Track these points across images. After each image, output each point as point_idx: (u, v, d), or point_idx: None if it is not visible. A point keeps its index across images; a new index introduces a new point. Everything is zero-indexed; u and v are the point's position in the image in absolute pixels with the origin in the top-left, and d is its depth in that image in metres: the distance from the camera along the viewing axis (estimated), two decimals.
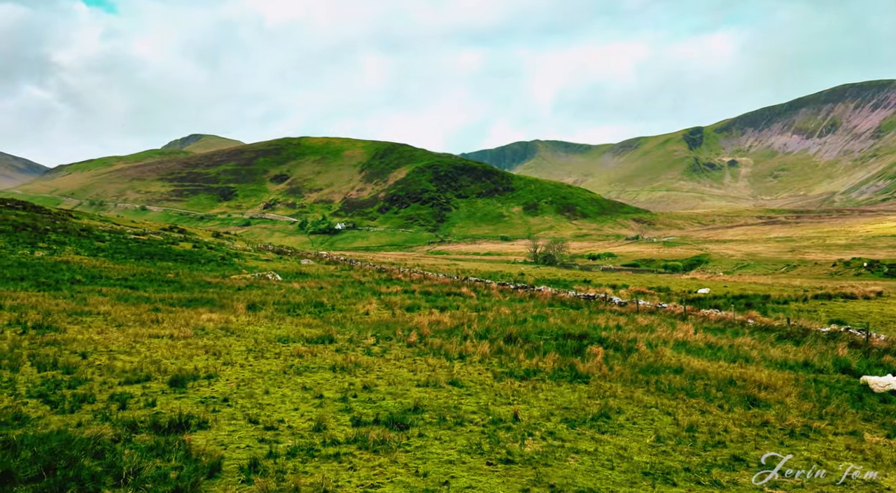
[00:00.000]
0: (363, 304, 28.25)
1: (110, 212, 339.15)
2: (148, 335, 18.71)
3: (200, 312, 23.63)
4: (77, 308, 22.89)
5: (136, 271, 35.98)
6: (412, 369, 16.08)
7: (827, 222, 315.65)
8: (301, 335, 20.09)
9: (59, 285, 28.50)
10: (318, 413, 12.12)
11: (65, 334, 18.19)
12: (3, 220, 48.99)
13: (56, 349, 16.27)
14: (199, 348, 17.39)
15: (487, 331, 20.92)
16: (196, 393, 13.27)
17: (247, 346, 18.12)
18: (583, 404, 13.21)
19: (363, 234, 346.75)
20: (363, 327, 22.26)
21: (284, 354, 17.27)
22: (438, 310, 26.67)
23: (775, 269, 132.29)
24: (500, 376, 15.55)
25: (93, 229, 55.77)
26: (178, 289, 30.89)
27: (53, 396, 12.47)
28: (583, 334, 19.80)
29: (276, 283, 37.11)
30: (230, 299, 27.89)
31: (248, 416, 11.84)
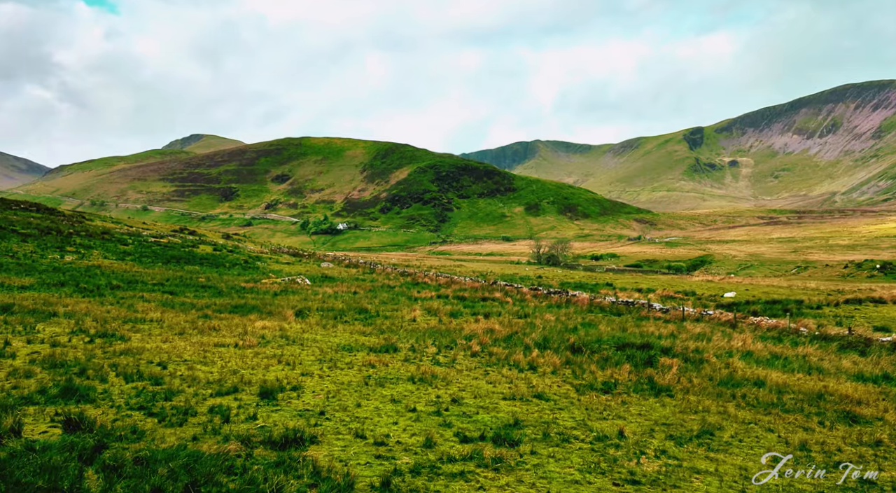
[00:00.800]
0: (406, 310, 28.14)
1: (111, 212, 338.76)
2: (213, 344, 18.64)
3: (251, 319, 23.57)
4: (129, 315, 22.83)
5: (168, 276, 35.87)
6: (489, 380, 16.00)
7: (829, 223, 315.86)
8: (361, 344, 20.02)
9: (101, 291, 28.41)
10: (419, 428, 12.08)
11: (132, 343, 18.12)
12: (27, 223, 48.86)
13: (132, 359, 16.21)
14: (270, 358, 17.33)
15: (546, 340, 20.84)
16: (289, 406, 13.23)
17: (315, 355, 18.04)
18: (679, 420, 13.14)
19: (365, 234, 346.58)
20: (417, 335, 22.18)
21: (356, 364, 17.20)
22: (483, 316, 26.57)
23: (785, 270, 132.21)
24: (581, 388, 15.47)
25: (113, 232, 55.65)
26: (216, 294, 30.80)
27: (154, 408, 12.45)
28: (645, 343, 19.71)
29: (307, 287, 37.00)
30: (274, 305, 27.79)
31: (352, 430, 11.79)
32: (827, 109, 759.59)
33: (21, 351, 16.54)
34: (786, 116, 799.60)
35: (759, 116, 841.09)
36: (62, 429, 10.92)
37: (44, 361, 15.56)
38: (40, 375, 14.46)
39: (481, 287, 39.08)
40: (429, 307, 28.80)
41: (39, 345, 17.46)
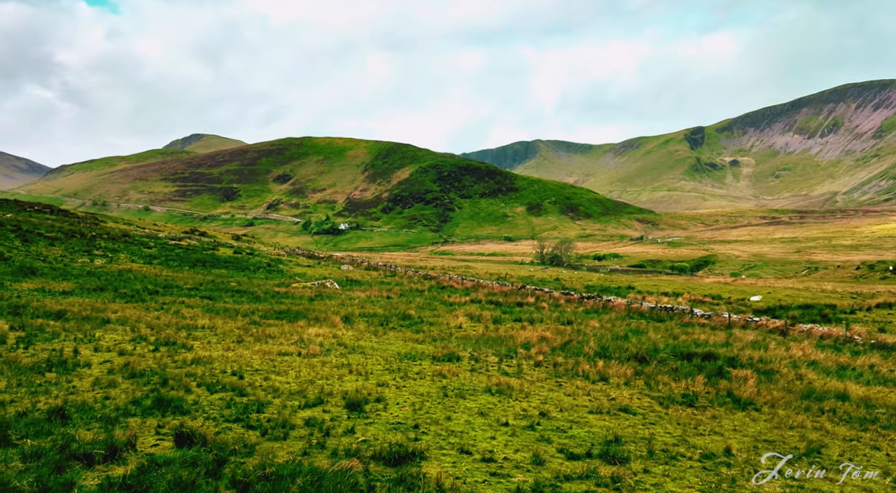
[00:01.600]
0: (448, 316, 27.96)
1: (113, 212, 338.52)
2: (276, 353, 18.48)
3: (300, 325, 23.40)
4: (179, 322, 22.68)
5: (200, 281, 35.69)
6: (567, 393, 15.82)
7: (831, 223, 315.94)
8: (421, 352, 19.84)
9: (141, 296, 28.25)
10: (519, 443, 11.92)
11: (197, 352, 17.97)
12: (51, 226, 48.61)
13: (206, 369, 16.07)
14: (339, 367, 17.17)
15: (604, 349, 20.62)
16: (379, 418, 13.08)
17: (381, 365, 17.88)
18: (779, 437, 12.95)
19: (367, 234, 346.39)
20: (470, 343, 22.02)
21: (425, 374, 17.05)
22: (528, 323, 26.35)
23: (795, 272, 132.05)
24: (664, 401, 15.30)
25: (132, 235, 55.40)
26: (254, 299, 30.62)
27: (250, 420, 12.31)
28: (708, 353, 19.50)
29: (339, 292, 36.84)
30: (317, 310, 27.59)
31: (453, 445, 11.63)
32: (828, 109, 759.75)
33: (93, 359, 16.40)
34: (787, 116, 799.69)
35: (760, 115, 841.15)
36: (173, 442, 10.80)
37: (121, 370, 15.43)
38: (123, 385, 14.34)
39: (510, 291, 38.84)
40: (470, 313, 28.56)
41: (107, 353, 17.32)
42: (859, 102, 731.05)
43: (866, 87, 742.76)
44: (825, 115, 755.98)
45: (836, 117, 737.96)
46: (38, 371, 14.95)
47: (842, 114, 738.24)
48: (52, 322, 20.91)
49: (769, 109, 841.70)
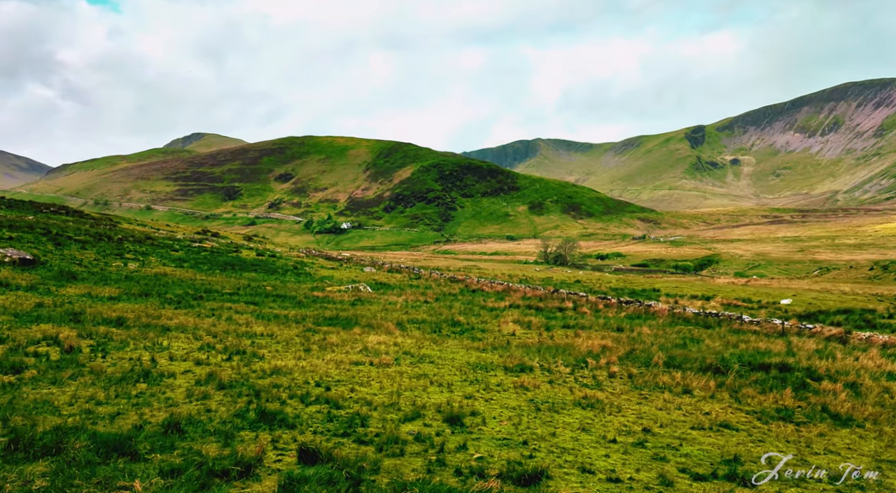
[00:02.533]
0: (496, 322, 27.71)
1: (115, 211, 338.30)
2: (349, 362, 18.25)
3: (356, 332, 23.16)
4: (237, 329, 22.44)
5: (236, 285, 35.43)
6: (659, 407, 15.53)
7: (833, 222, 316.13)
8: (490, 362, 19.59)
9: (188, 302, 28.00)
10: (636, 462, 11.69)
11: (272, 362, 17.73)
12: (78, 229, 48.30)
13: (287, 380, 15.85)
14: (418, 378, 16.92)
15: (672, 358, 20.36)
16: (482, 433, 12.86)
17: (456, 376, 17.61)
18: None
19: (369, 233, 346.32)
20: (531, 351, 21.76)
21: (505, 385, 16.80)
22: (580, 329, 26.11)
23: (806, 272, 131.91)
24: (761, 417, 15.01)
25: (155, 237, 55.09)
26: (297, 305, 30.38)
27: (359, 435, 12.12)
28: (783, 364, 19.20)
29: (374, 296, 36.61)
30: (365, 316, 27.35)
31: (570, 463, 11.41)
32: (829, 108, 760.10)
33: (172, 369, 16.18)
34: (787, 115, 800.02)
35: (761, 114, 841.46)
36: (296, 458, 10.59)
37: (207, 381, 15.23)
38: (217, 396, 14.13)
39: (544, 296, 38.52)
40: (517, 320, 28.31)
41: (183, 363, 17.10)
42: (860, 101, 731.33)
43: (867, 85, 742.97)
44: (826, 113, 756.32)
45: (836, 116, 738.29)
46: (129, 382, 14.74)
47: (842, 112, 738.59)
48: (115, 330, 20.68)
49: (770, 107, 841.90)
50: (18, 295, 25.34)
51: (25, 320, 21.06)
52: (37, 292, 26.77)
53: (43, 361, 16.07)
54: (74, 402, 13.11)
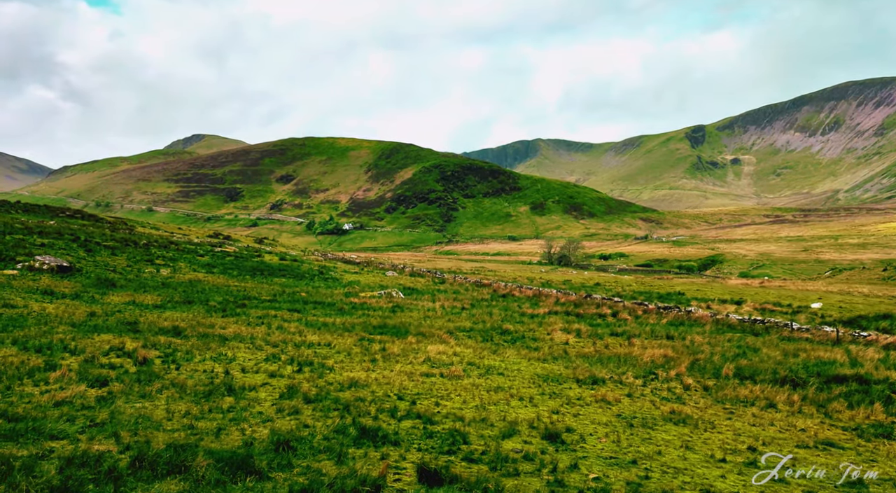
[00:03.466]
0: (542, 330, 27.54)
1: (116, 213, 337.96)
2: (420, 374, 18.13)
3: (411, 341, 23.07)
4: (293, 339, 22.33)
5: (273, 291, 35.34)
6: (752, 423, 15.21)
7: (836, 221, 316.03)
8: (558, 374, 19.29)
9: (233, 310, 27.92)
10: (759, 485, 11.51)
11: (343, 373, 17.63)
12: (103, 235, 48.18)
13: (368, 393, 15.74)
14: (495, 391, 16.70)
15: (740, 369, 20.01)
16: (585, 451, 12.65)
17: (532, 388, 17.32)
18: None
19: (371, 234, 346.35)
20: (592, 361, 21.50)
21: (585, 399, 16.56)
22: (634, 337, 25.74)
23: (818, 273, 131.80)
24: (862, 434, 14.78)
25: (177, 242, 54.97)
26: (339, 312, 30.26)
27: (467, 454, 11.95)
28: (858, 376, 18.83)
29: (409, 302, 36.51)
30: (411, 324, 27.19)
31: (695, 486, 10.99)
32: (829, 107, 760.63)
33: (249, 381, 16.07)
34: (788, 114, 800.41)
35: (761, 113, 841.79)
36: (415, 478, 10.50)
37: (291, 394, 15.14)
38: (307, 411, 14.04)
39: (578, 302, 38.33)
40: (565, 328, 28.14)
41: (257, 375, 17.01)
42: (860, 100, 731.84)
43: (867, 84, 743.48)
44: (826, 112, 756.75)
45: (837, 115, 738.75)
46: (216, 396, 14.67)
47: (843, 112, 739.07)
48: (175, 340, 20.63)
49: (770, 107, 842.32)
50: (67, 304, 25.28)
51: (84, 329, 21.00)
52: (82, 300, 26.71)
53: (122, 373, 16.00)
54: (172, 417, 13.06)
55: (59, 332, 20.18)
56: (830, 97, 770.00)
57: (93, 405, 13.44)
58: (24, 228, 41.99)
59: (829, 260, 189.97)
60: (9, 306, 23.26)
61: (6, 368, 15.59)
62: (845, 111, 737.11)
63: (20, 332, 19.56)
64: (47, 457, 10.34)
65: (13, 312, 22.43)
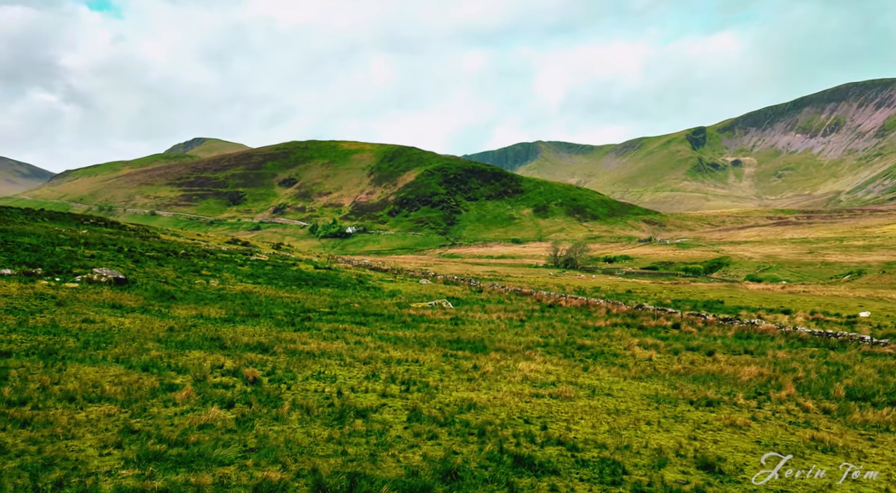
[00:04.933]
0: (616, 344, 27.06)
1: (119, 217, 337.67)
2: (529, 395, 17.71)
3: (496, 357, 22.78)
4: (377, 355, 22.00)
5: (329, 302, 34.89)
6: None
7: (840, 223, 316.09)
8: (666, 395, 18.85)
9: (302, 324, 27.71)
10: None
11: (449, 394, 17.33)
12: (142, 244, 47.88)
13: (489, 416, 15.48)
14: (615, 414, 16.08)
15: (851, 390, 18.92)
16: (751, 485, 12.14)
17: (651, 411, 17.05)
18: None
19: (374, 237, 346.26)
20: (689, 379, 20.97)
21: (714, 423, 16.14)
22: (709, 353, 25.31)
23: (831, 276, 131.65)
24: None
25: (212, 251, 54.63)
26: (403, 325, 29.93)
27: (635, 486, 11.72)
28: None
29: (464, 313, 36.24)
30: (478, 338, 26.93)
31: None
32: (829, 108, 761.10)
33: (364, 402, 15.81)
34: (788, 116, 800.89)
35: (762, 115, 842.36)
36: None
37: (417, 418, 14.88)
38: (443, 435, 13.76)
39: (632, 312, 37.82)
40: (641, 342, 27.64)
41: (367, 394, 16.70)
42: (861, 101, 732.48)
43: (868, 86, 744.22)
44: (827, 114, 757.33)
45: (838, 116, 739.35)
46: (346, 419, 14.45)
47: (844, 113, 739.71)
48: (266, 356, 20.39)
49: (771, 108, 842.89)
50: (140, 318, 25.05)
51: (171, 345, 20.77)
52: (151, 313, 26.48)
53: (240, 394, 15.81)
54: (316, 441, 12.87)
55: (151, 349, 19.97)
56: (831, 99, 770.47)
57: (234, 428, 13.31)
58: (68, 238, 41.68)
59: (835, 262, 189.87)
60: (88, 321, 23.05)
61: (129, 388, 15.44)
62: (846, 112, 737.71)
63: (115, 349, 19.36)
64: (231, 485, 10.20)
65: (95, 327, 22.23)
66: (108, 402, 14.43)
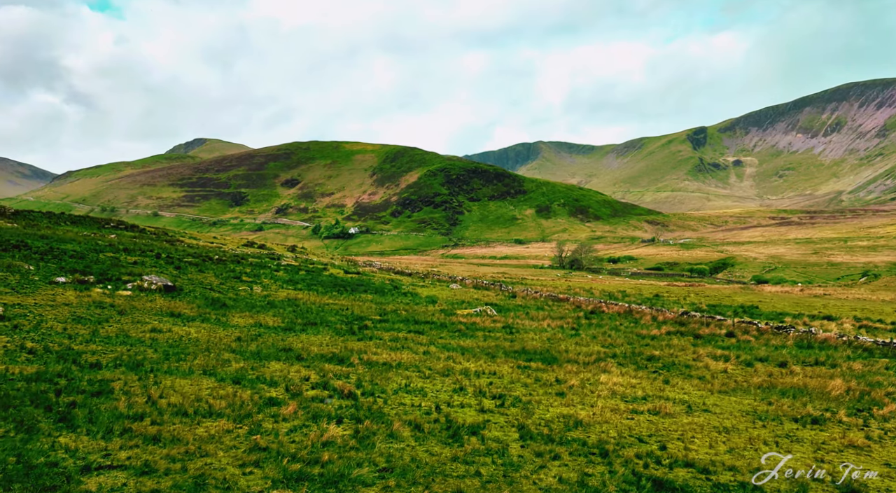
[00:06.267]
0: (687, 356, 26.56)
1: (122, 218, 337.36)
2: (627, 411, 17.12)
3: (572, 369, 22.31)
4: (452, 366, 21.59)
5: (377, 311, 34.37)
6: None
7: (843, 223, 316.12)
8: (762, 411, 18.34)
9: (360, 332, 27.39)
10: None
11: (543, 409, 16.47)
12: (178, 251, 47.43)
13: (599, 434, 14.86)
14: (725, 432, 15.44)
15: None
16: None
17: (760, 430, 16.55)
18: None
19: (377, 238, 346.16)
20: (775, 394, 20.38)
21: (831, 443, 15.62)
22: (781, 365, 24.90)
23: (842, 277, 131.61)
24: None
25: (244, 255, 54.20)
26: (459, 334, 29.31)
27: None
28: None
29: (506, 319, 35.92)
30: (545, 348, 26.53)
31: None
32: (831, 108, 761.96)
33: (468, 418, 15.51)
34: (789, 115, 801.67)
35: (763, 115, 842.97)
36: None
37: (528, 435, 14.60)
38: (565, 455, 13.42)
39: (680, 319, 37.09)
40: (711, 353, 27.13)
41: (461, 410, 16.31)
42: (862, 101, 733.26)
43: (869, 85, 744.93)
44: (828, 114, 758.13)
45: (839, 116, 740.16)
46: (459, 438, 14.12)
47: (845, 113, 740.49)
48: (345, 368, 19.89)
49: (772, 108, 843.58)
50: (203, 327, 24.66)
51: (247, 356, 20.41)
52: (210, 322, 26.14)
53: (342, 409, 15.59)
54: (443, 460, 12.80)
55: (230, 360, 19.63)
56: (832, 98, 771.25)
57: (356, 446, 13.15)
58: (107, 244, 41.31)
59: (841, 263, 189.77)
60: (156, 330, 22.74)
61: (232, 402, 15.19)
62: (847, 112, 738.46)
63: (195, 360, 19.04)
64: None
65: (165, 337, 21.92)
66: (219, 417, 14.19)
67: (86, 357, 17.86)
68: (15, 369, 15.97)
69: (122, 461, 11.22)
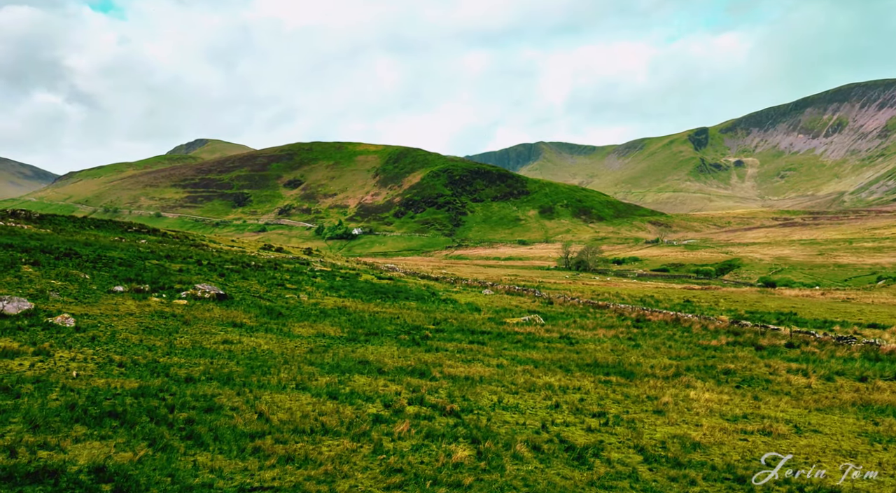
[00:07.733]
0: (761, 369, 25.92)
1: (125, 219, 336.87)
2: (734, 431, 16.54)
3: (657, 385, 21.68)
4: (534, 382, 21.08)
5: (431, 320, 33.92)
6: None
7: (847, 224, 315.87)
8: (873, 432, 17.68)
9: (424, 342, 26.96)
10: None
11: (653, 430, 16.32)
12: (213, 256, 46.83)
13: (722, 456, 14.46)
14: (850, 456, 14.89)
15: None
16: None
17: (886, 453, 15.95)
18: None
19: (380, 239, 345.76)
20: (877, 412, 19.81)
21: None
22: (862, 380, 24.34)
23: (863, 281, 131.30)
24: None
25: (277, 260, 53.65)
26: (521, 345, 28.50)
27: None
28: None
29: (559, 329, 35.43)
30: (626, 362, 26.02)
31: None
32: (832, 109, 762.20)
33: (578, 439, 15.08)
34: (791, 116, 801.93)
35: (764, 115, 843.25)
36: None
37: (653, 458, 14.16)
38: (701, 480, 13.08)
39: (732, 329, 36.55)
40: (789, 367, 26.45)
41: (567, 428, 15.75)
42: (864, 102, 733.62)
43: (870, 86, 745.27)
44: (830, 114, 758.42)
45: (840, 117, 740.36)
46: (585, 459, 13.77)
47: (846, 113, 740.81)
48: (429, 382, 19.10)
49: (773, 109, 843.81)
50: (270, 338, 24.08)
51: (327, 369, 19.73)
52: (272, 331, 25.63)
53: (447, 427, 15.20)
54: (580, 485, 12.39)
55: (314, 373, 19.14)
56: (833, 99, 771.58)
57: (488, 469, 12.74)
58: (149, 252, 40.85)
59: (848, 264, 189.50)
60: (227, 342, 22.27)
61: (340, 419, 14.81)
62: (848, 113, 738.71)
63: (281, 374, 18.56)
64: None
65: (239, 348, 21.43)
66: (336, 435, 13.83)
67: (175, 370, 17.44)
68: (115, 383, 15.59)
69: (269, 481, 10.89)
